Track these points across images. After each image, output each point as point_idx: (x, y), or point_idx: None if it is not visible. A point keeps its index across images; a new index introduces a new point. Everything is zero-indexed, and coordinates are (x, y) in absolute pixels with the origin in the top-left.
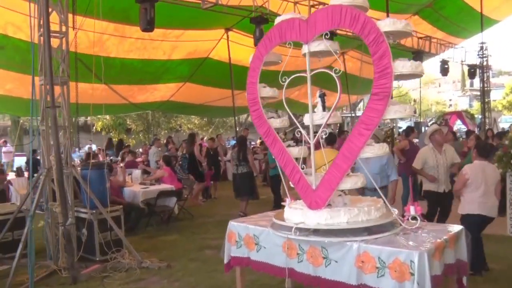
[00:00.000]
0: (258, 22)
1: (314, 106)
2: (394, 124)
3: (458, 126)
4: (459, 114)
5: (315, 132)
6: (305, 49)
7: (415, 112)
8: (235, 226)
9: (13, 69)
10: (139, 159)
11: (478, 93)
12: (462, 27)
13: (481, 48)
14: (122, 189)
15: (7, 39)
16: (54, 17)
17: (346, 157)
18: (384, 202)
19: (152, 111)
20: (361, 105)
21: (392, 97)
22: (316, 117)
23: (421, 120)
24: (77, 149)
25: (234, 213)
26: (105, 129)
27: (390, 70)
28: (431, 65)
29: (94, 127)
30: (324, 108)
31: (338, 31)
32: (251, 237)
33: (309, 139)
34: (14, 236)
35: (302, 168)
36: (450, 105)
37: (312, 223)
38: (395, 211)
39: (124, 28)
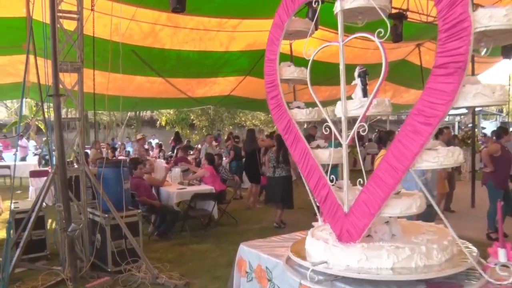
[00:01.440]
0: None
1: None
2: (469, 121)
3: None
4: None
5: (350, 128)
6: (337, 6)
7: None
8: (246, 252)
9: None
10: (191, 156)
11: None
12: None
13: None
14: (158, 189)
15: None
16: None
17: (392, 168)
18: (453, 235)
19: (214, 106)
20: None
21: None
22: (352, 105)
23: (510, 120)
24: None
25: (284, 220)
26: (169, 123)
27: (468, 25)
28: None
29: (158, 122)
30: (365, 93)
31: (411, 17)
32: (263, 269)
33: (341, 137)
34: (32, 237)
35: (332, 181)
36: None
37: (339, 265)
38: (474, 252)
39: (177, 18)
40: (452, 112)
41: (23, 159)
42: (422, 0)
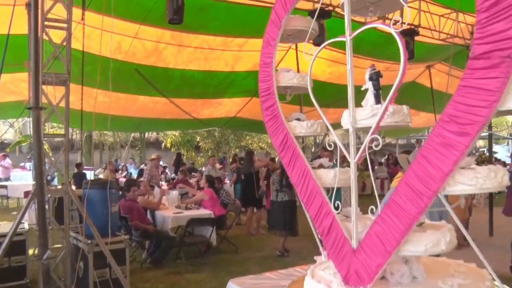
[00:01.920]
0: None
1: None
2: (480, 145)
3: None
4: None
5: (360, 144)
6: None
7: None
8: None
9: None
10: (194, 179)
11: None
12: None
13: None
14: (154, 213)
15: None
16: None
17: (415, 193)
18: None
19: (220, 128)
20: None
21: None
22: (363, 114)
23: None
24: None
25: (288, 247)
26: (174, 145)
27: None
28: None
29: (163, 143)
30: (378, 99)
31: (423, 34)
32: None
33: (348, 154)
34: (11, 263)
35: (337, 208)
36: None
37: None
38: None
39: (181, 36)
40: None
41: (6, 179)
42: (434, 17)
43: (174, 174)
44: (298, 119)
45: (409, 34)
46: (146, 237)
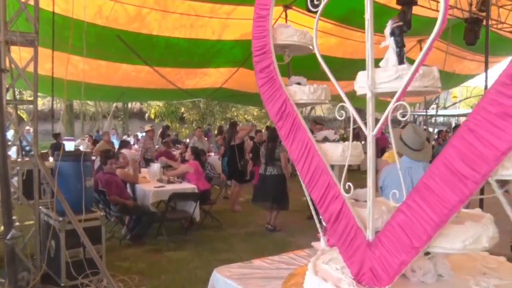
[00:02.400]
0: None
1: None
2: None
3: None
4: None
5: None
6: None
7: None
8: (219, 280)
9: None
10: (178, 151)
11: None
12: None
13: None
14: (134, 186)
15: None
16: None
17: (457, 176)
18: None
19: (205, 99)
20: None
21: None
22: (384, 76)
23: None
24: (125, 136)
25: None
26: (158, 116)
27: None
28: None
29: (147, 114)
30: (402, 59)
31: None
32: None
33: (364, 126)
34: None
35: (349, 191)
36: None
37: None
38: None
39: (166, 1)
40: (447, 112)
41: None
42: None
43: (157, 146)
44: (299, 84)
45: (408, 3)
46: (125, 212)
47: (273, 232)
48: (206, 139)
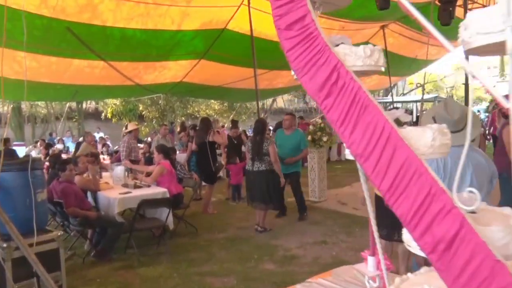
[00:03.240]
0: None
1: None
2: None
3: None
4: None
5: None
6: None
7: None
8: None
9: None
10: (141, 151)
11: None
12: None
13: None
14: (96, 194)
15: None
16: None
17: None
18: None
19: (165, 94)
20: (394, 91)
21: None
22: None
23: None
24: (81, 138)
25: (254, 225)
26: (116, 115)
27: None
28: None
29: (104, 114)
30: None
31: None
32: None
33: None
34: None
35: (471, 203)
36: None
37: None
38: None
39: None
40: (404, 98)
41: None
42: None
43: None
44: (343, 43)
45: None
46: (87, 225)
47: (262, 233)
48: (172, 136)
